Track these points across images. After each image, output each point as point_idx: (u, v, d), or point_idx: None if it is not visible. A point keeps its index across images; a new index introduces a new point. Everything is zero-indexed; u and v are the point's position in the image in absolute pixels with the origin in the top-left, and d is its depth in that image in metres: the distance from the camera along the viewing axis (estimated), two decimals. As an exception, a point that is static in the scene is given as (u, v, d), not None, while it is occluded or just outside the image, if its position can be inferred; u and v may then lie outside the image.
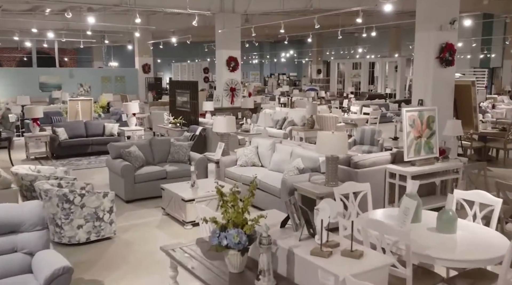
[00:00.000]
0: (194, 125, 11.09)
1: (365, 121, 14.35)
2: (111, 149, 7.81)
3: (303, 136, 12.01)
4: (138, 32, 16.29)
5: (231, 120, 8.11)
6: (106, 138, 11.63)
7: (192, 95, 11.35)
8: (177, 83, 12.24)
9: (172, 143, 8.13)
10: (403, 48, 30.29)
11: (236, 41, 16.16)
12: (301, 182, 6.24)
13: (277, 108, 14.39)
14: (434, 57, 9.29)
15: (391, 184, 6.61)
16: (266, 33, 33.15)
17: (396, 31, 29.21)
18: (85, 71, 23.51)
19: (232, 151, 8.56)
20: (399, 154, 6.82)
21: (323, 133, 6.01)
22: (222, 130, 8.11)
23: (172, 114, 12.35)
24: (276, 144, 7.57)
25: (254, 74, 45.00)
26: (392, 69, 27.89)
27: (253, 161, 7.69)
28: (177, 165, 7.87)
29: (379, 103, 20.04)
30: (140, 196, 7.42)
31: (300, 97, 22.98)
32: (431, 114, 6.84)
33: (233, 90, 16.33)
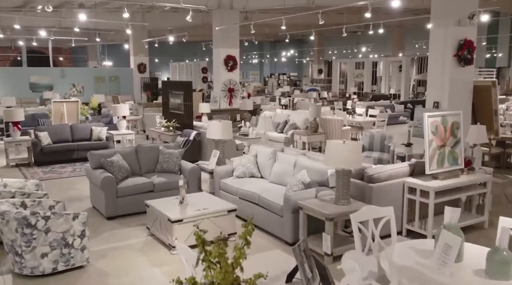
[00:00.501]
0: (188, 130, 10.22)
1: (372, 124, 13.48)
2: (91, 158, 6.93)
3: (306, 140, 11.14)
4: (130, 29, 15.38)
5: (227, 126, 7.24)
6: (93, 144, 10.76)
7: (186, 97, 10.48)
8: (170, 83, 11.36)
9: (161, 150, 7.26)
10: (407, 47, 29.47)
11: (234, 39, 15.30)
12: (306, 199, 5.36)
13: (278, 110, 13.54)
14: (452, 56, 8.43)
15: (410, 200, 5.74)
16: (266, 33, 32.32)
17: (399, 30, 28.35)
18: (78, 71, 22.63)
19: (228, 159, 7.70)
20: (419, 165, 5.95)
21: (333, 143, 5.13)
22: (217, 137, 7.24)
23: (165, 117, 11.48)
24: (278, 153, 6.70)
25: (254, 74, 44.15)
26: (395, 69, 27.03)
27: (251, 171, 6.82)
28: (166, 175, 7.00)
29: (384, 105, 19.15)
30: (123, 212, 6.55)
31: (301, 98, 22.12)
32: (456, 120, 5.97)
33: (232, 91, 15.47)
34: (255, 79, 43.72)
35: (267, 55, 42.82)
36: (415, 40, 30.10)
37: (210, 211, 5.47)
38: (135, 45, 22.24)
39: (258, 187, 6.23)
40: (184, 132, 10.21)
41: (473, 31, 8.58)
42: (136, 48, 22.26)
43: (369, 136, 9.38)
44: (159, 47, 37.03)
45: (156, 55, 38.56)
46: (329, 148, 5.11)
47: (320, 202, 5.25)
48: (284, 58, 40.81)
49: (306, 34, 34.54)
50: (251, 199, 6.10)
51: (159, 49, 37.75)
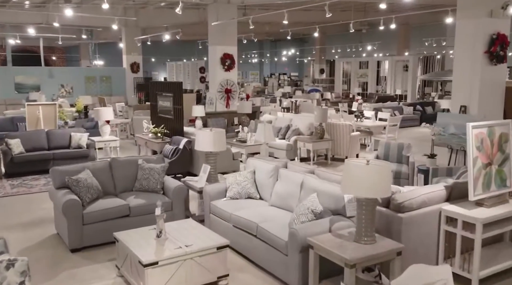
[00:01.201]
0: (177, 137, 9.02)
1: (382, 128, 12.28)
2: (53, 175, 5.74)
3: (310, 148, 9.95)
4: (116, 24, 14.17)
5: (220, 136, 6.05)
6: (72, 152, 9.58)
7: (176, 99, 9.28)
8: (158, 84, 10.17)
9: (140, 165, 6.06)
10: (412, 46, 28.28)
11: (232, 35, 14.11)
12: (318, 234, 4.17)
13: (279, 113, 12.36)
14: (482, 52, 7.25)
15: (448, 232, 4.55)
16: (266, 31, 31.17)
17: (405, 29, 27.16)
18: (67, 71, 21.44)
19: (221, 174, 6.53)
20: (457, 187, 4.75)
21: (353, 164, 3.94)
22: (207, 149, 6.05)
23: (153, 122, 10.29)
24: (280, 170, 5.49)
25: (253, 73, 42.97)
26: (400, 69, 25.83)
27: (248, 191, 5.62)
28: (146, 196, 5.80)
29: (392, 107, 17.96)
30: (91, 242, 5.35)
31: (303, 99, 20.92)
32: (504, 132, 4.77)
33: (229, 92, 14.29)
34: (254, 79, 42.53)
35: (267, 54, 41.64)
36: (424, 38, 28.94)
37: (195, 249, 4.27)
38: (127, 44, 21.06)
39: (257, 213, 5.03)
40: (173, 140, 9.01)
41: (507, 23, 7.39)
42: (128, 46, 21.08)
43: (385, 146, 8.19)
44: (155, 46, 35.97)
45: (152, 55, 37.43)
46: (349, 170, 3.92)
47: (335, 239, 4.06)
48: (284, 57, 39.64)
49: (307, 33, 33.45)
50: (248, 228, 4.90)
51: (156, 48, 36.62)
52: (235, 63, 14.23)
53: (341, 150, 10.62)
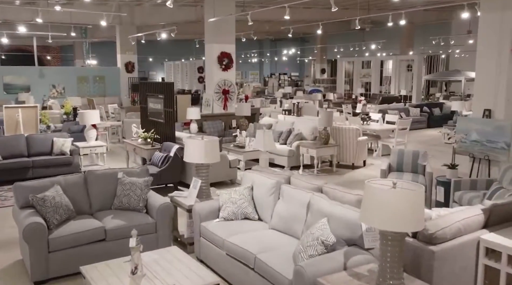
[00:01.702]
0: (168, 143, 8.20)
1: (390, 132, 11.46)
2: (16, 192, 4.91)
3: (314, 154, 9.13)
4: (105, 20, 13.32)
5: (213, 146, 5.22)
6: (54, 159, 8.77)
7: (167, 102, 8.45)
8: (148, 85, 9.35)
9: (120, 180, 5.23)
10: (415, 45, 27.47)
11: (229, 33, 13.29)
12: (330, 272, 3.35)
13: (280, 116, 11.54)
14: (510, 50, 6.42)
15: (488, 267, 3.73)
16: (266, 30, 30.35)
17: (409, 27, 26.33)
18: (59, 71, 20.60)
19: (213, 189, 5.71)
20: (498, 210, 3.94)
21: (375, 188, 3.11)
22: (197, 161, 5.23)
23: (143, 126, 9.47)
24: (283, 187, 4.67)
25: (253, 73, 42.16)
26: (403, 69, 25.00)
27: (245, 211, 4.80)
28: (126, 215, 4.98)
29: (398, 108, 17.14)
30: (58, 273, 4.53)
31: (305, 100, 20.09)
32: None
33: (226, 93, 13.46)
34: (254, 79, 41.71)
35: (267, 53, 40.80)
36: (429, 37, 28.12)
37: (177, 291, 3.45)
38: (122, 42, 20.22)
39: (255, 240, 4.21)
40: (164, 146, 8.19)
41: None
42: (123, 45, 20.24)
43: (397, 153, 7.36)
44: (153, 45, 35.16)
45: (150, 54, 36.63)
46: (371, 195, 3.09)
47: (353, 280, 3.23)
48: (285, 57, 38.83)
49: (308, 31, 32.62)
50: (244, 259, 4.08)
51: (154, 47, 35.82)
52: (233, 62, 13.41)
53: (347, 156, 9.80)
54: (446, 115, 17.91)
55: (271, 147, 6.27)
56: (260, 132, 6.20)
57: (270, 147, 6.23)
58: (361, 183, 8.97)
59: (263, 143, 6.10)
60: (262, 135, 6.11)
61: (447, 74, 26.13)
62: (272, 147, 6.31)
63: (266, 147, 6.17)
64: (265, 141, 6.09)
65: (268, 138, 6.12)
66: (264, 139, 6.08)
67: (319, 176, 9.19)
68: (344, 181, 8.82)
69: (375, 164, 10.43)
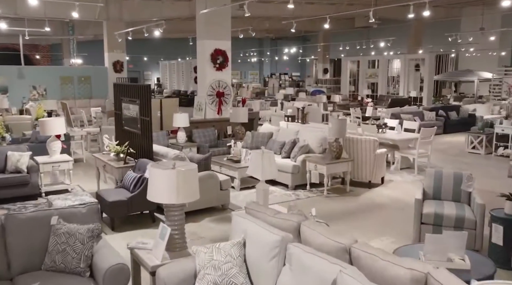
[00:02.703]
0: (144, 160, 6.58)
1: (410, 142, 9.85)
2: None
3: (324, 171, 7.53)
4: (77, 12, 11.67)
5: (189, 178, 3.60)
6: (8, 178, 7.16)
7: (143, 108, 6.83)
8: (122, 87, 7.73)
9: (54, 228, 3.61)
10: (424, 44, 25.88)
11: (224, 27, 11.70)
12: None
13: (282, 123, 9.94)
14: None
15: None
16: (266, 28, 28.78)
17: (417, 25, 24.77)
18: (41, 70, 18.97)
19: (191, 241, 4.13)
20: None
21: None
22: (165, 201, 3.62)
23: (118, 137, 7.87)
24: (291, 249, 3.05)
25: (253, 73, 40.55)
26: (412, 68, 23.39)
27: (233, 281, 3.19)
28: (59, 281, 3.37)
29: (411, 112, 15.54)
30: None
31: (308, 102, 18.48)
32: None
33: (221, 96, 11.87)
34: (254, 79, 40.10)
35: (267, 52, 39.18)
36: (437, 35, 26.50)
37: None
38: (110, 40, 18.60)
39: None
40: (138, 164, 6.57)
41: None
42: (111, 43, 18.63)
43: (434, 175, 5.74)
44: (148, 44, 33.51)
45: (145, 53, 35.03)
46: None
47: None
48: (286, 56, 37.22)
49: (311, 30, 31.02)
50: None
51: (149, 46, 34.19)
52: (228, 61, 11.83)
53: (363, 172, 8.19)
54: (464, 119, 16.31)
55: (272, 174, 4.64)
56: (257, 154, 4.55)
57: (271, 174, 4.59)
58: (383, 209, 7.08)
59: (261, 169, 4.46)
60: (259, 159, 4.47)
61: (458, 74, 24.53)
62: (274, 173, 4.67)
63: (265, 175, 4.53)
64: (265, 166, 4.45)
65: (268, 162, 4.49)
66: (262, 164, 4.44)
67: (330, 198, 7.59)
68: (361, 205, 7.21)
69: (395, 180, 8.83)
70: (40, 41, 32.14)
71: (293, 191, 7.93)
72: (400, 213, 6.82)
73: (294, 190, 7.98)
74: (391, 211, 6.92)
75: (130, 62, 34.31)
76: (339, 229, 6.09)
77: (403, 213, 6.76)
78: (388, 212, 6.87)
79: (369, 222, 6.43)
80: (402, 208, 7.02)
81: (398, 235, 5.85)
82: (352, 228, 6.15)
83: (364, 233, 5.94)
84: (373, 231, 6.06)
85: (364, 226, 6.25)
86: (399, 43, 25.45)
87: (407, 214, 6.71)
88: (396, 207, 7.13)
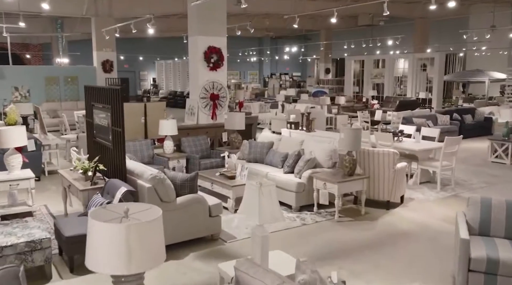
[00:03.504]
0: (114, 181, 5.31)
1: (430, 152, 8.60)
2: None
3: (335, 191, 6.27)
4: (47, 3, 10.38)
5: (151, 233, 2.34)
6: (-48, 200, 5.91)
7: (115, 117, 5.56)
8: (92, 90, 6.45)
9: None
10: (431, 43, 24.66)
11: (219, 22, 10.43)
12: None
13: (285, 130, 8.69)
14: None
15: None
16: (266, 26, 27.54)
17: (423, 22, 23.55)
18: (23, 70, 17.68)
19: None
20: None
21: None
22: (114, 271, 2.36)
23: (89, 150, 6.62)
24: None
25: (252, 73, 39.29)
26: (419, 68, 22.15)
27: None
28: None
29: (423, 115, 14.30)
30: None
31: (311, 104, 17.24)
32: None
33: (216, 99, 10.61)
34: (253, 79, 38.84)
35: (267, 52, 37.92)
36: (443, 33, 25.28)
37: None
38: (98, 38, 17.34)
39: None
40: (107, 186, 5.31)
41: None
42: (99, 41, 17.37)
43: (481, 204, 4.49)
44: (144, 43, 32.26)
45: (141, 52, 33.77)
46: None
47: None
48: (286, 55, 35.96)
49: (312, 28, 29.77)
50: None
51: (144, 45, 32.94)
52: (223, 60, 10.56)
53: (379, 190, 6.94)
54: (480, 123, 15.06)
55: (275, 215, 3.34)
56: (252, 188, 3.26)
57: (272, 216, 3.31)
58: (409, 239, 5.63)
59: (258, 209, 3.18)
60: (256, 195, 3.20)
61: (468, 74, 23.27)
62: (277, 215, 3.38)
63: (265, 217, 3.25)
64: (264, 205, 3.18)
65: (269, 199, 3.21)
66: (260, 203, 3.17)
67: (342, 223, 6.33)
68: (380, 234, 5.94)
69: (415, 198, 7.58)
70: (31, 40, 30.90)
71: (297, 213, 6.68)
72: (431, 245, 5.56)
73: (298, 212, 6.73)
74: (420, 243, 5.66)
75: (126, 62, 33.07)
76: (357, 269, 4.83)
77: (435, 246, 5.51)
78: (416, 244, 5.61)
79: (393, 259, 5.17)
80: (432, 239, 5.77)
81: (436, 281, 4.59)
82: (373, 267, 4.90)
83: (388, 276, 4.69)
84: (400, 272, 4.81)
85: (387, 265, 4.99)
86: (405, 42, 24.24)
87: (440, 247, 5.47)
88: (425, 236, 5.87)
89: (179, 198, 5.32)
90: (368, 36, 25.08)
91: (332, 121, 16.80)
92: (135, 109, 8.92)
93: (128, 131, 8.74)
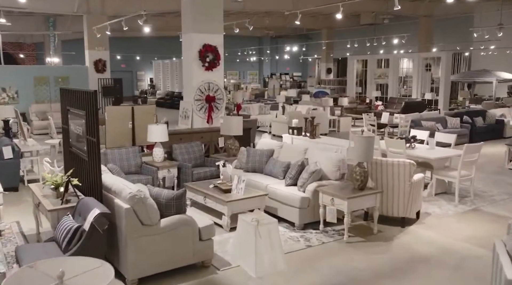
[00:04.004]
0: (88, 199, 4.53)
1: (446, 161, 7.81)
2: None
3: (345, 208, 5.49)
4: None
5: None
6: None
7: (89, 124, 4.78)
8: (67, 93, 5.66)
9: None
10: (436, 42, 23.90)
11: (215, 18, 9.66)
12: None
13: (286, 136, 7.92)
14: None
15: None
16: (266, 25, 26.76)
17: (427, 21, 22.79)
18: (10, 70, 16.88)
19: None
20: None
21: None
22: None
23: (65, 162, 5.85)
24: None
25: (252, 74, 38.52)
26: (422, 68, 21.38)
27: None
28: None
29: (432, 118, 13.53)
30: None
31: (313, 106, 16.46)
32: None
33: (212, 101, 9.84)
34: (253, 79, 38.06)
35: (267, 51, 37.13)
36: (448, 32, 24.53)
37: None
38: (90, 36, 16.56)
39: None
40: (79, 207, 4.52)
41: None
42: (92, 39, 16.58)
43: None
44: (141, 42, 31.49)
45: (138, 52, 33.00)
46: None
47: None
48: (287, 55, 35.19)
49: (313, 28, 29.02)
50: None
51: (142, 45, 32.20)
52: (220, 59, 9.78)
53: (393, 205, 6.15)
54: (491, 126, 14.29)
55: (277, 263, 2.57)
56: (246, 225, 2.48)
57: (273, 266, 2.52)
58: (430, 265, 4.70)
59: (255, 256, 2.39)
60: (251, 235, 2.42)
61: (475, 74, 22.49)
62: (279, 264, 2.60)
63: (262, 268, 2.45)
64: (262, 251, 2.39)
65: (268, 244, 2.43)
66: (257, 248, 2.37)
67: (352, 245, 5.55)
68: (396, 258, 5.15)
69: (432, 212, 6.80)
70: (25, 39, 30.15)
71: (301, 232, 5.90)
72: (457, 275, 4.78)
73: (302, 231, 5.95)
74: (443, 270, 4.87)
75: (123, 62, 32.30)
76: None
77: (462, 275, 4.73)
78: (439, 271, 4.83)
79: (415, 292, 4.39)
80: (458, 266, 4.98)
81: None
82: (393, 304, 4.12)
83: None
84: (426, 311, 4.03)
85: (410, 301, 4.21)
86: (409, 41, 23.48)
87: (469, 275, 4.68)
88: (448, 262, 5.08)
89: (163, 219, 4.54)
90: (371, 35, 24.33)
91: (335, 123, 16.02)
92: (121, 113, 8.14)
93: (114, 138, 7.98)
